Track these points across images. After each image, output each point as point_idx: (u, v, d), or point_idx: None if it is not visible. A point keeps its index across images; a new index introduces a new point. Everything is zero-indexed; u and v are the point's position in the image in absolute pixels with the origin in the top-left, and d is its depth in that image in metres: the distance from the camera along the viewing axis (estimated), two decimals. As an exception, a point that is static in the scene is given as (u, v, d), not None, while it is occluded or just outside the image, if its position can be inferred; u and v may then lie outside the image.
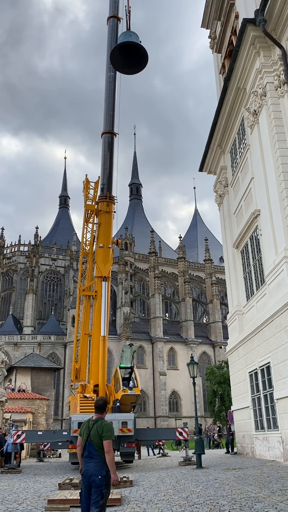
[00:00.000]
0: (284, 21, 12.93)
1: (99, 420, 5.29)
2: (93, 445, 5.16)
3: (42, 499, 8.69)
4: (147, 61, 11.86)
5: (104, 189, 21.18)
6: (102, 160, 21.81)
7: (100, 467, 5.08)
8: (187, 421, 25.95)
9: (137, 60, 11.55)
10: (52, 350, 65.14)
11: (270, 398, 13.19)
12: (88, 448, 5.21)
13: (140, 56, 11.52)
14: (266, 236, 13.85)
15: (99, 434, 5.15)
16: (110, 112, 22.13)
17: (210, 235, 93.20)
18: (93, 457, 5.14)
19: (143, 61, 11.61)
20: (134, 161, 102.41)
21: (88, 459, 5.18)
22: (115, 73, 22.36)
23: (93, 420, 5.33)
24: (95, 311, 20.29)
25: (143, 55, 11.50)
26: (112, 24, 23.44)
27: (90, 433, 5.21)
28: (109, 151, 21.66)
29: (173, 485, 9.81)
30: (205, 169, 21.11)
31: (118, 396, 18.29)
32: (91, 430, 5.23)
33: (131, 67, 11.87)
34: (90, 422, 5.32)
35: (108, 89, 22.35)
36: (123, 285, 69.63)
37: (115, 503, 7.68)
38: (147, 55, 11.80)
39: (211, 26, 21.63)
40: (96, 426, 5.22)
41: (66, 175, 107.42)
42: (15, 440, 15.92)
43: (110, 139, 21.80)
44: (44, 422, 29.01)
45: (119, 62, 11.83)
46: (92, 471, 5.08)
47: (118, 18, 23.78)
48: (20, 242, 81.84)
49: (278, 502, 6.66)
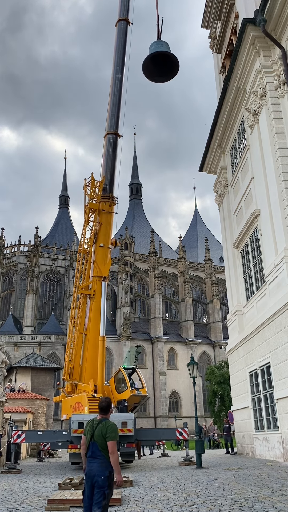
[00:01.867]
0: (284, 21, 12.93)
1: (103, 421, 5.29)
2: (97, 445, 5.17)
3: (42, 499, 8.69)
4: (178, 69, 12.38)
5: (106, 189, 21.31)
6: (105, 161, 21.94)
7: (104, 467, 5.09)
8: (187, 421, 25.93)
9: (168, 68, 11.84)
10: (52, 350, 65.16)
11: (270, 398, 13.19)
12: (91, 448, 5.21)
13: (170, 65, 11.82)
14: (266, 236, 13.85)
15: (103, 434, 5.15)
16: (115, 113, 22.35)
17: (210, 235, 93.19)
18: (97, 457, 5.15)
19: (174, 70, 11.94)
20: (134, 161, 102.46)
21: (91, 459, 5.18)
22: (121, 75, 22.67)
23: (97, 420, 5.33)
24: (92, 310, 20.27)
25: (174, 64, 11.81)
26: (122, 27, 23.67)
27: (94, 433, 5.21)
28: (113, 152, 21.84)
29: (173, 485, 9.81)
30: (205, 169, 21.11)
31: (125, 396, 18.34)
32: (95, 430, 5.23)
33: (160, 75, 12.15)
34: (94, 422, 5.32)
35: (114, 90, 22.57)
36: (123, 285, 69.61)
37: (115, 503, 7.68)
38: (179, 64, 12.31)
39: (211, 26, 21.62)
40: (100, 426, 5.22)
41: (66, 175, 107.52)
42: (15, 440, 15.93)
43: (115, 140, 22.04)
44: (44, 422, 28.99)
45: (150, 71, 12.09)
46: (95, 472, 5.08)
47: (128, 22, 23.91)
48: (20, 242, 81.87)
49: (278, 502, 6.66)
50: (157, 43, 11.85)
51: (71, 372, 19.91)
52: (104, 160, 22.17)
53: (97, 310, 20.29)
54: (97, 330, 20.13)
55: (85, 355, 19.79)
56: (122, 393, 18.73)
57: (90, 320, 20.00)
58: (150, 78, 12.74)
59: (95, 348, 19.87)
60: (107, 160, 21.91)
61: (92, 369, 19.81)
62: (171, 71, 12.15)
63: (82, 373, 19.74)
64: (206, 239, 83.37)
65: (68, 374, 20.00)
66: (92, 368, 19.75)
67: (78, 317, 20.53)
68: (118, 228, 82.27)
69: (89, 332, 19.90)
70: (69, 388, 19.79)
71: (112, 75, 22.99)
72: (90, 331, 19.87)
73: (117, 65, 22.88)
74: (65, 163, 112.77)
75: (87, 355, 19.68)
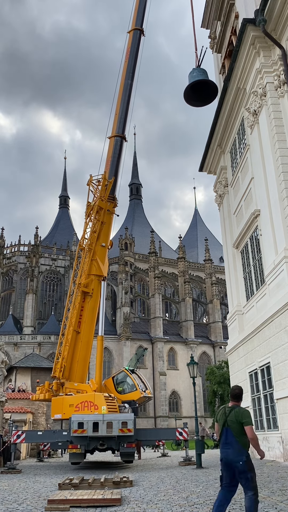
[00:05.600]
0: (284, 21, 12.92)
1: (235, 407, 5.45)
2: (231, 431, 5.35)
3: (42, 499, 8.68)
4: (216, 95, 13.57)
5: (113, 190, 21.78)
6: (111, 162, 22.65)
7: (239, 453, 5.28)
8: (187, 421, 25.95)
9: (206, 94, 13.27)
10: (52, 350, 65.07)
11: (270, 398, 13.19)
12: (225, 434, 5.41)
13: (208, 91, 13.23)
14: (266, 236, 13.84)
15: (238, 420, 5.32)
16: (123, 117, 23.32)
17: (210, 235, 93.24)
18: (231, 443, 5.34)
19: (213, 96, 13.33)
20: (134, 161, 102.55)
21: (226, 446, 5.39)
22: (131, 81, 23.91)
23: (229, 407, 5.52)
24: (88, 309, 20.25)
25: (214, 91, 13.14)
26: (136, 36, 24.79)
27: (227, 420, 5.40)
28: (118, 154, 22.55)
29: (173, 485, 9.81)
30: (205, 169, 21.10)
31: (135, 397, 18.37)
32: (227, 416, 5.41)
33: (198, 100, 13.19)
34: (226, 409, 5.51)
35: (124, 95, 23.62)
36: (123, 285, 69.62)
37: (115, 503, 7.67)
38: (217, 90, 13.51)
39: (211, 26, 21.61)
40: (234, 412, 5.39)
41: (66, 175, 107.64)
42: (15, 440, 15.93)
43: (120, 142, 22.90)
44: (44, 422, 28.99)
45: (189, 96, 13.20)
46: (232, 458, 5.30)
47: (142, 32, 25.12)
48: (20, 242, 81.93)
49: (278, 502, 6.66)
50: (199, 71, 13.19)
51: (64, 370, 19.49)
52: (110, 161, 22.63)
53: (93, 309, 20.33)
54: (90, 329, 20.16)
55: (77, 353, 19.67)
56: (129, 393, 18.76)
57: (84, 318, 20.00)
58: (189, 102, 13.79)
59: (87, 347, 19.86)
60: (112, 162, 22.35)
61: (83, 369, 19.75)
62: (210, 97, 13.43)
63: (72, 372, 19.55)
64: (206, 239, 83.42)
65: (61, 372, 19.48)
66: (83, 367, 19.70)
67: (71, 311, 20.39)
68: (118, 228, 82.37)
69: (82, 330, 19.85)
70: (55, 386, 19.33)
71: (125, 81, 24.04)
72: (83, 329, 19.84)
73: (128, 72, 24.19)
74: (65, 163, 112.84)
75: (79, 354, 19.59)
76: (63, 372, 19.44)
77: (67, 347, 19.71)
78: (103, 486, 9.69)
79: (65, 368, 19.50)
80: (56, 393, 19.39)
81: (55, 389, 19.31)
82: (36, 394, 21.04)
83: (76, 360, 19.63)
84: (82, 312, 20.21)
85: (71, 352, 19.73)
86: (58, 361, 20.11)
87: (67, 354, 19.62)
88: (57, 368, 19.84)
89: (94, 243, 20.86)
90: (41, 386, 20.83)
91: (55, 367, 20.16)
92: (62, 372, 19.44)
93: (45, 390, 19.99)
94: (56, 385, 19.35)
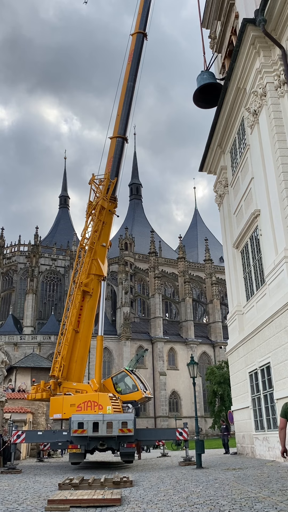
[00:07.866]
0: (284, 21, 12.93)
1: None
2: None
3: (42, 499, 8.68)
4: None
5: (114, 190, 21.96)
6: (113, 162, 22.79)
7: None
8: (187, 421, 25.95)
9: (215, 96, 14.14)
10: (52, 350, 64.93)
11: (270, 398, 13.19)
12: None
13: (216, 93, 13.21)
14: (266, 236, 13.85)
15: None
16: (125, 119, 23.60)
17: (210, 235, 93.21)
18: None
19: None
20: (134, 161, 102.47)
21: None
22: (134, 83, 24.24)
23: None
24: (87, 308, 20.29)
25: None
26: (139, 39, 25.12)
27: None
28: (120, 155, 22.81)
29: (173, 485, 9.81)
30: (205, 169, 21.11)
31: (137, 397, 18.36)
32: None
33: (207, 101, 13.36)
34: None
35: (127, 97, 23.95)
36: (123, 285, 69.62)
37: (115, 503, 7.67)
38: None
39: (211, 26, 21.61)
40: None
41: (66, 175, 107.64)
42: (15, 440, 15.92)
43: (122, 143, 23.19)
44: (44, 422, 28.99)
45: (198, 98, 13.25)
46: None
47: (145, 36, 25.45)
48: (20, 242, 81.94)
49: (278, 502, 6.66)
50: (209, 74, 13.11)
51: (64, 370, 19.41)
52: (111, 161, 22.80)
53: (92, 308, 20.37)
54: (89, 329, 20.20)
55: (75, 353, 19.66)
56: (131, 394, 18.76)
57: (83, 317, 20.02)
58: (198, 105, 13.93)
59: (85, 347, 19.86)
60: (113, 162, 22.60)
61: (81, 368, 19.74)
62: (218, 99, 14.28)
63: (70, 371, 19.52)
64: (206, 239, 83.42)
65: (60, 371, 19.37)
66: (81, 367, 19.70)
67: (70, 310, 20.41)
68: (118, 228, 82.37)
69: (81, 329, 19.89)
70: (53, 385, 19.28)
71: (127, 83, 24.31)
72: (82, 328, 19.87)
73: (131, 74, 24.51)
74: (65, 163, 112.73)
75: (77, 353, 19.59)
76: (62, 371, 19.36)
77: (66, 346, 19.67)
78: (103, 486, 9.68)
79: (64, 367, 19.46)
80: (53, 393, 19.35)
81: (53, 388, 19.29)
82: (31, 393, 20.80)
83: (74, 360, 19.61)
84: (81, 312, 20.23)
85: (70, 351, 19.72)
86: (57, 360, 20.03)
87: (66, 353, 19.58)
88: (56, 367, 19.75)
89: (95, 242, 20.93)
90: (35, 385, 20.71)
91: (54, 366, 20.07)
92: (61, 371, 19.36)
93: (41, 389, 19.91)
94: (53, 384, 19.31)
